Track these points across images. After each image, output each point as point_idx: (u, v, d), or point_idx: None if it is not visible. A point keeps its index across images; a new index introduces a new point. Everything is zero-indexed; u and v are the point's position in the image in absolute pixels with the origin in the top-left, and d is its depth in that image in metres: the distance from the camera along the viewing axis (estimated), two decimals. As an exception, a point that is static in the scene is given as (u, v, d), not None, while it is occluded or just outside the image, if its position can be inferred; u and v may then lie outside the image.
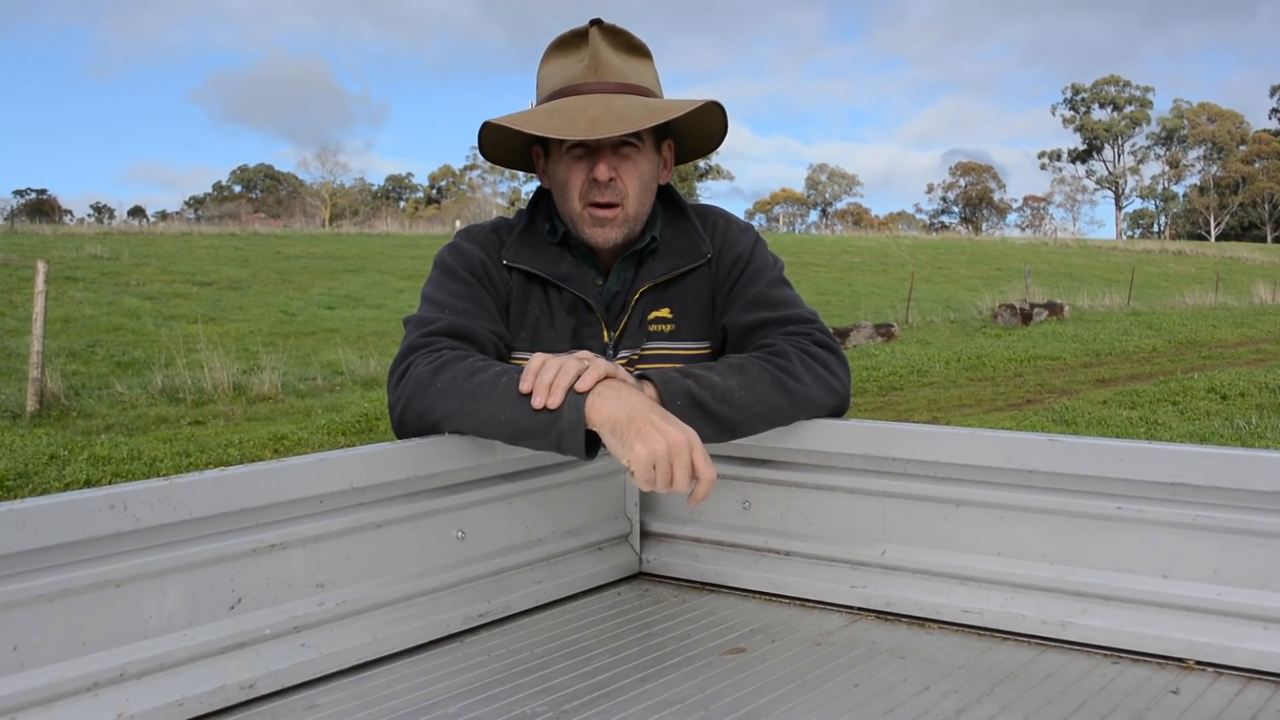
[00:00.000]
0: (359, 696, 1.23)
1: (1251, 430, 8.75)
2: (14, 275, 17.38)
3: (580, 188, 1.66)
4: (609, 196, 1.65)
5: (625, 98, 1.63)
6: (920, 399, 11.07)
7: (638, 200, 1.68)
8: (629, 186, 1.66)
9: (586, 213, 1.66)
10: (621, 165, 1.65)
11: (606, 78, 1.64)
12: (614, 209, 1.66)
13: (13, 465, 7.24)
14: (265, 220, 51.51)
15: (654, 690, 1.23)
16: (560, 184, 1.69)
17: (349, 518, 1.32)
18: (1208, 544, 1.28)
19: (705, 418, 1.44)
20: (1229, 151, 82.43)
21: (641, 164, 1.68)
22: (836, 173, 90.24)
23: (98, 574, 1.09)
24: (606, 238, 1.67)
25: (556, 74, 1.68)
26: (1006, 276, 27.90)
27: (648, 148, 1.68)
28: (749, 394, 1.47)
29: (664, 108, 1.64)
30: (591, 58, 1.64)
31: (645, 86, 1.68)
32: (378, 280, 20.97)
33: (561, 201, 1.70)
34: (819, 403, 1.54)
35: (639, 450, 1.28)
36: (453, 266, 1.70)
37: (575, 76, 1.65)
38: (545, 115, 1.62)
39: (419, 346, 1.54)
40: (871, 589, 1.49)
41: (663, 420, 1.30)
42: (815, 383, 1.55)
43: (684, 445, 1.28)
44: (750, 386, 1.48)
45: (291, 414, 9.70)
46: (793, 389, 1.52)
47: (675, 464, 1.28)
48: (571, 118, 1.59)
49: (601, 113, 1.58)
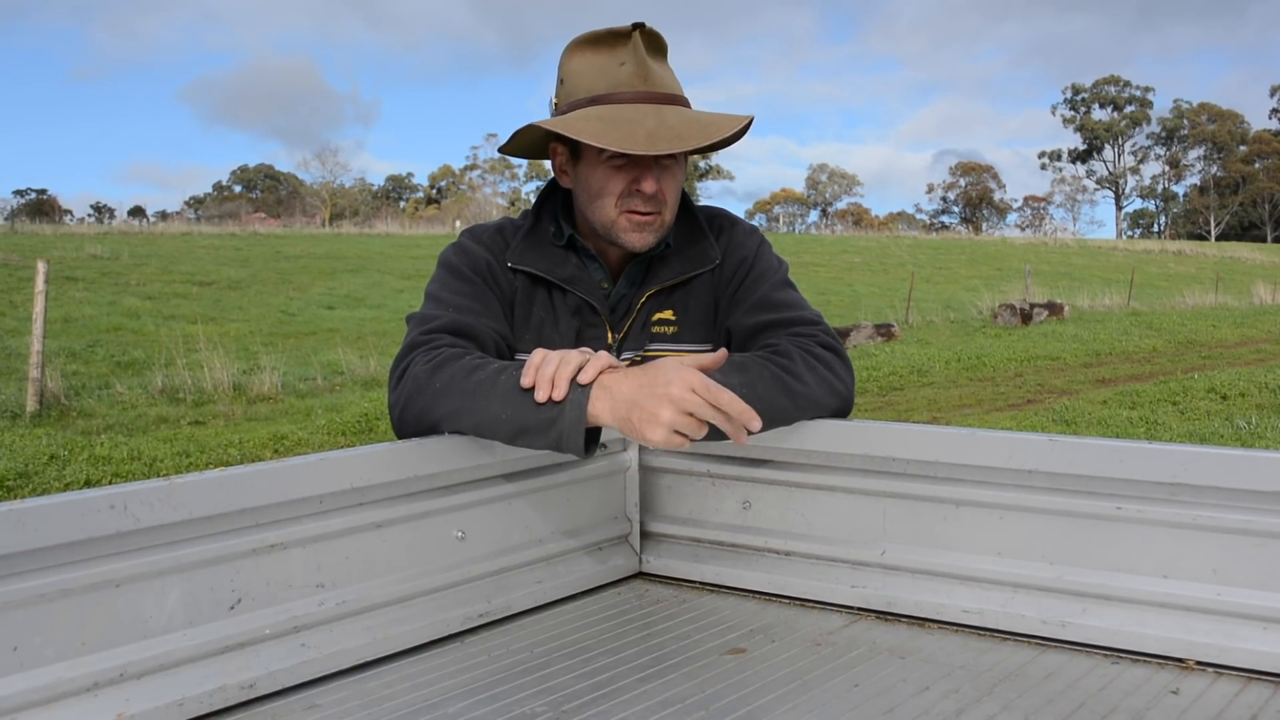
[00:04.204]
0: (359, 696, 1.23)
1: (1251, 430, 8.75)
2: (14, 275, 17.38)
3: (619, 195, 1.65)
4: (651, 206, 1.66)
5: (675, 110, 1.63)
6: (920, 399, 11.07)
7: (673, 208, 1.70)
8: (669, 196, 1.67)
9: (624, 218, 1.66)
10: (664, 176, 1.66)
11: (655, 87, 1.63)
12: (655, 216, 1.66)
13: (13, 465, 7.24)
14: (265, 220, 51.53)
15: (654, 690, 1.23)
16: (595, 190, 1.67)
17: (349, 518, 1.31)
18: (1208, 544, 1.28)
19: None
20: (1229, 151, 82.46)
21: (679, 174, 1.69)
22: (836, 173, 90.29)
23: (98, 574, 1.09)
24: (645, 242, 1.68)
25: (594, 74, 1.65)
26: (1006, 276, 27.91)
27: (682, 158, 1.69)
28: (749, 393, 1.45)
29: (716, 125, 1.63)
30: (638, 65, 1.63)
31: (684, 95, 1.68)
32: (378, 280, 20.98)
33: (594, 207, 1.68)
34: (821, 403, 1.53)
35: (655, 436, 1.30)
36: (457, 265, 1.69)
37: (621, 82, 1.63)
38: (599, 124, 1.59)
39: (419, 344, 1.53)
40: (871, 589, 1.49)
41: (661, 387, 1.31)
42: (818, 383, 1.54)
43: (688, 396, 1.30)
44: (751, 385, 1.47)
45: (291, 414, 9.70)
46: (794, 389, 1.50)
47: (689, 421, 1.30)
48: (628, 130, 1.57)
49: (657, 126, 1.58)
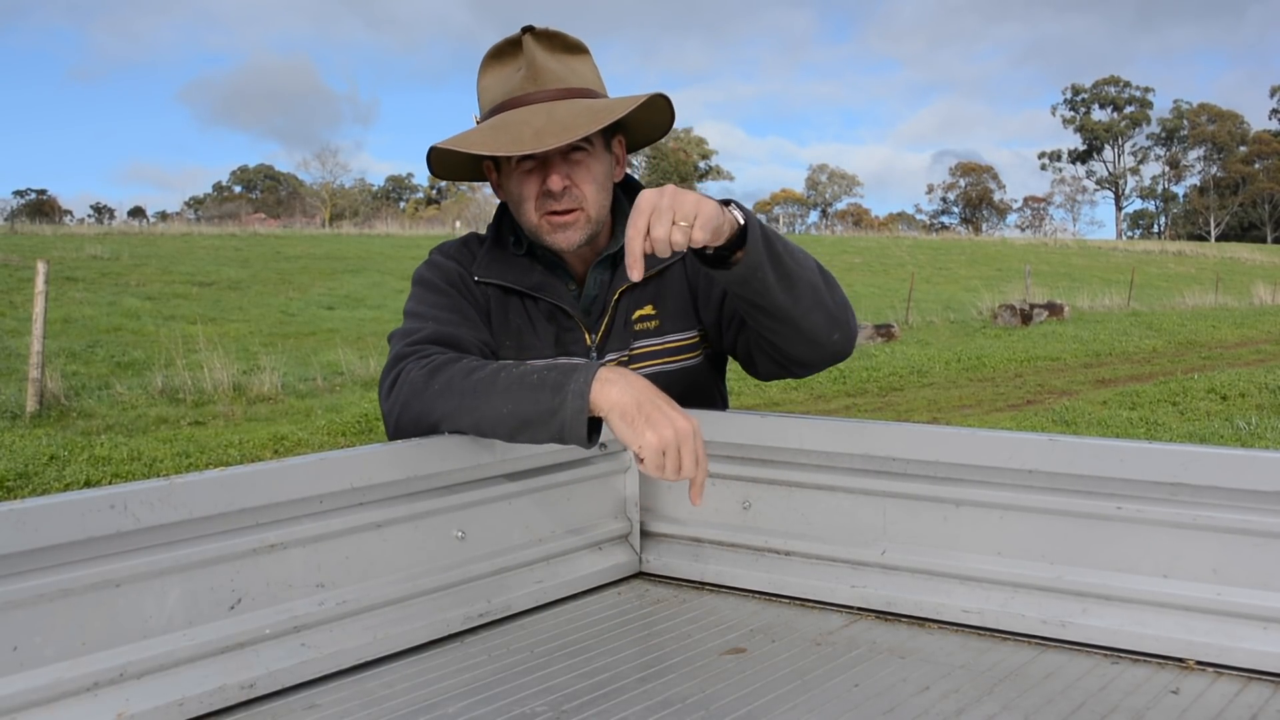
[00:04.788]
0: (359, 696, 1.23)
1: (1251, 430, 8.75)
2: (14, 275, 17.37)
3: (535, 199, 1.65)
4: (566, 204, 1.64)
5: (567, 103, 1.61)
6: (920, 399, 11.07)
7: (596, 202, 1.67)
8: (585, 191, 1.65)
9: (544, 221, 1.65)
10: (574, 171, 1.64)
11: (546, 85, 1.62)
12: (574, 213, 1.65)
13: (13, 465, 7.24)
14: (265, 221, 51.53)
15: (654, 690, 1.23)
16: (515, 198, 1.68)
17: (349, 518, 1.31)
18: (1208, 544, 1.28)
19: (772, 259, 1.44)
20: (1229, 152, 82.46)
21: (594, 166, 1.66)
22: (836, 173, 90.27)
23: (98, 574, 1.09)
24: (569, 241, 1.66)
25: (495, 86, 1.66)
26: (1006, 277, 27.90)
27: (598, 149, 1.67)
28: (805, 260, 1.52)
29: (607, 108, 1.62)
30: (528, 66, 1.62)
31: (586, 87, 1.66)
32: (378, 281, 20.97)
33: (519, 214, 1.69)
34: (840, 316, 1.58)
35: (650, 438, 1.28)
36: (431, 280, 1.70)
37: (514, 88, 1.63)
38: (490, 132, 1.60)
39: (407, 355, 1.54)
40: (871, 589, 1.49)
41: (669, 406, 1.31)
42: (842, 301, 1.59)
43: (689, 432, 1.29)
44: (804, 261, 1.52)
45: (291, 414, 9.70)
46: (832, 284, 1.57)
47: (683, 451, 1.29)
48: (516, 132, 1.57)
49: (546, 123, 1.57)
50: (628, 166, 1.80)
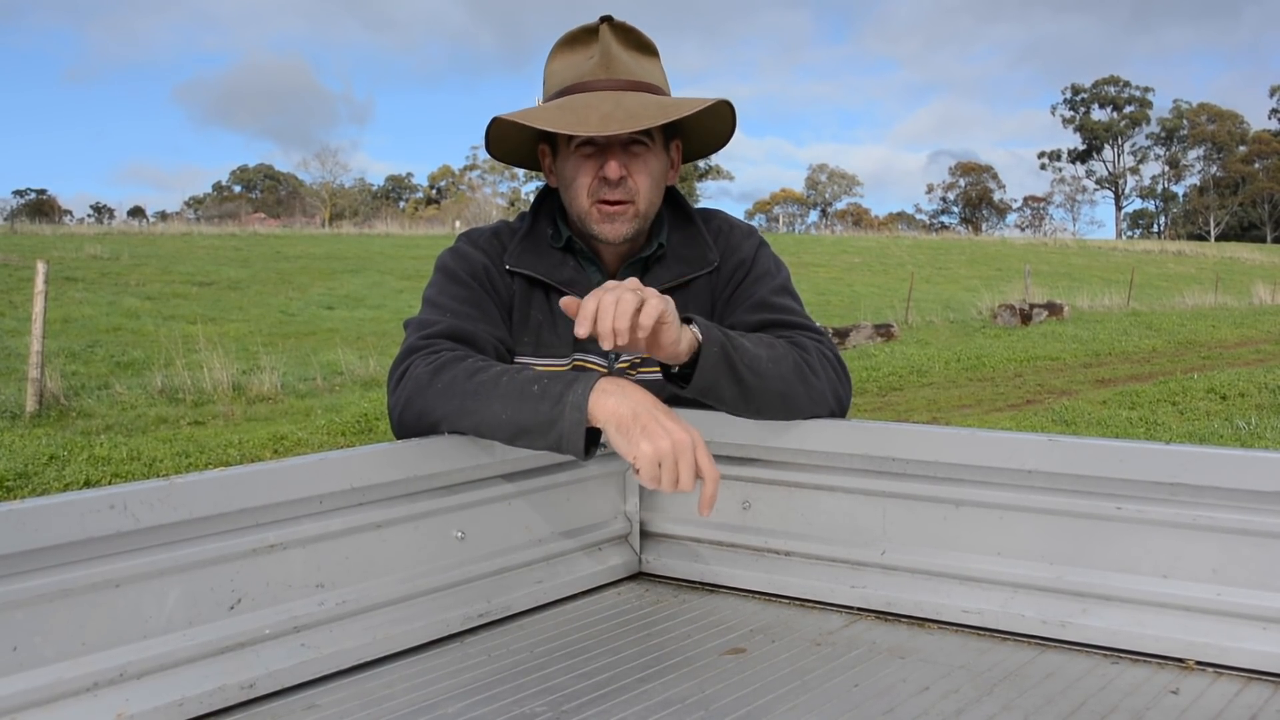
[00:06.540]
0: (359, 696, 1.23)
1: (1251, 430, 8.75)
2: (14, 275, 17.37)
3: (589, 185, 1.64)
4: (619, 194, 1.64)
5: (636, 95, 1.61)
6: (920, 399, 11.07)
7: (648, 198, 1.67)
8: (639, 184, 1.65)
9: (595, 209, 1.65)
10: (632, 163, 1.64)
11: (617, 74, 1.62)
12: (625, 205, 1.65)
13: (12, 465, 7.24)
14: (265, 220, 51.52)
15: (654, 690, 1.23)
16: (568, 181, 1.67)
17: (349, 518, 1.31)
18: (1208, 544, 1.28)
19: (731, 377, 1.44)
20: (1229, 151, 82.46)
21: (651, 162, 1.66)
22: (836, 173, 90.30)
23: (98, 574, 1.09)
24: (617, 233, 1.66)
25: (566, 70, 1.66)
26: (1006, 277, 27.89)
27: (657, 146, 1.67)
28: (774, 369, 1.49)
29: (676, 105, 1.63)
30: (602, 54, 1.63)
31: (655, 84, 1.66)
32: (377, 281, 20.97)
33: (569, 199, 1.69)
34: (826, 404, 1.56)
35: (645, 448, 1.27)
36: (454, 270, 1.69)
37: (586, 73, 1.63)
38: (556, 111, 1.60)
39: (418, 349, 1.53)
40: (871, 589, 1.49)
41: (667, 418, 1.30)
42: (828, 384, 1.57)
43: (688, 444, 1.28)
44: (777, 363, 1.50)
45: (291, 414, 9.69)
46: (810, 381, 1.53)
47: (680, 463, 1.27)
48: (583, 114, 1.57)
49: (613, 109, 1.57)
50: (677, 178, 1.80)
